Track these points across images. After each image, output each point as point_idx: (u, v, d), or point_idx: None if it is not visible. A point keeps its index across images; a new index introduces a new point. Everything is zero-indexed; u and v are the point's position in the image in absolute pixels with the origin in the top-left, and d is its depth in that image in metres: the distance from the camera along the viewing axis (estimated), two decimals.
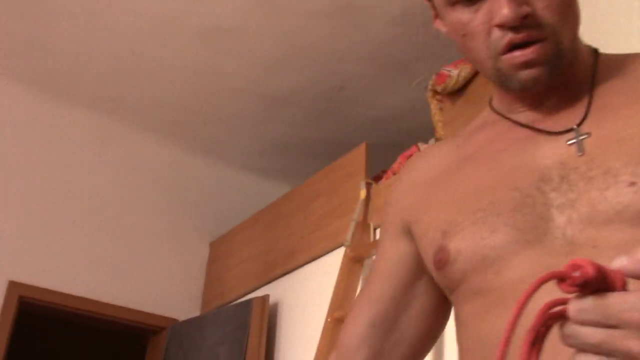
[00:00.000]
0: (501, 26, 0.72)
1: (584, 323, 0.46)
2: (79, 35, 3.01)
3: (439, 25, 0.84)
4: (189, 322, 3.22)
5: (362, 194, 2.63)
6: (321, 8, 2.80)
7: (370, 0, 2.73)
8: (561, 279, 0.46)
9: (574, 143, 0.71)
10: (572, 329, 0.46)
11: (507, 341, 0.46)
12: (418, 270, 0.85)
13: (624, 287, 0.46)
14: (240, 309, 2.96)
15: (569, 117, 0.74)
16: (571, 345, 0.47)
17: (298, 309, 2.88)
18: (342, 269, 2.48)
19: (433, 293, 0.85)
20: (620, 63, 0.78)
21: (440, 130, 2.38)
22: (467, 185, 0.76)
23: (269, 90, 3.32)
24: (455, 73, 2.24)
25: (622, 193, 0.64)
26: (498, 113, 0.82)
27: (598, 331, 0.45)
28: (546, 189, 0.69)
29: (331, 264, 2.68)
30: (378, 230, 2.56)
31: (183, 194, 3.68)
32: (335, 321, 2.56)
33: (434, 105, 2.37)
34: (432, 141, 2.54)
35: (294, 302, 2.92)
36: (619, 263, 0.46)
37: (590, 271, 0.45)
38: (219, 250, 3.57)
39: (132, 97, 3.39)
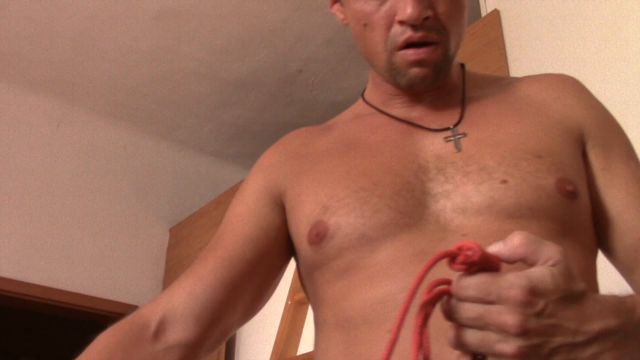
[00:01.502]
0: (403, 23, 0.76)
1: (465, 299, 0.50)
2: (33, 18, 2.93)
3: (336, 10, 0.88)
4: None
5: None
6: None
7: None
8: (452, 258, 0.50)
9: (451, 140, 0.78)
10: (454, 304, 0.50)
11: (404, 314, 0.48)
12: (277, 244, 0.84)
13: (499, 270, 0.51)
14: None
15: (445, 118, 0.81)
16: (451, 320, 0.51)
17: None
18: None
19: (276, 275, 0.85)
20: (484, 81, 0.88)
21: None
22: (350, 167, 0.79)
23: (228, 74, 3.30)
24: None
25: (495, 188, 0.71)
26: (372, 106, 0.88)
27: (477, 306, 0.50)
28: (424, 179, 0.74)
29: None
30: None
31: (142, 178, 3.64)
32: (296, 303, 2.58)
33: None
34: None
35: None
36: (495, 248, 0.51)
37: (478, 252, 0.49)
38: (180, 236, 3.55)
39: (89, 80, 3.33)
